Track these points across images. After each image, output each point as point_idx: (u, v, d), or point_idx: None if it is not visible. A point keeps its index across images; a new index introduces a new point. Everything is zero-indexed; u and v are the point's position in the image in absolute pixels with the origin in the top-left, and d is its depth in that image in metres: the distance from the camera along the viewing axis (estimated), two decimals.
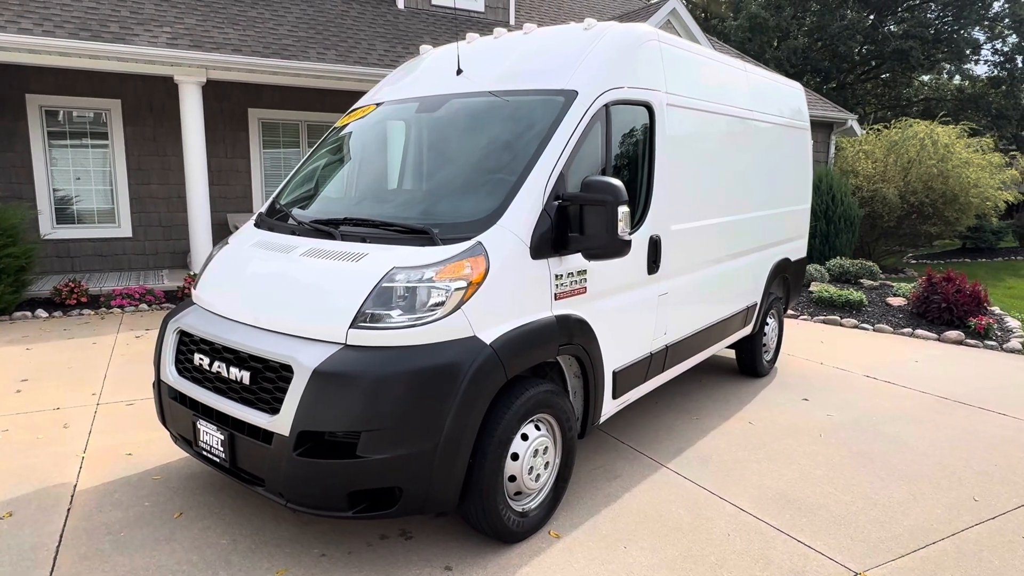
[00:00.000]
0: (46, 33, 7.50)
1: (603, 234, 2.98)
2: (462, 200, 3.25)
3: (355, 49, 9.60)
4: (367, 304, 2.71)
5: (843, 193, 12.06)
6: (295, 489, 2.67)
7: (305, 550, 3.00)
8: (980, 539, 3.25)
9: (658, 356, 4.01)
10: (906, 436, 4.53)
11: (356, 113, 4.25)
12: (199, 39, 8.43)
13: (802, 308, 8.74)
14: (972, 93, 28.94)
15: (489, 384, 2.77)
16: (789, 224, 5.91)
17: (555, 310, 3.13)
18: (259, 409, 2.77)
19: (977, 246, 18.72)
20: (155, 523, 3.21)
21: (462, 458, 2.73)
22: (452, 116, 3.70)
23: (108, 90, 9.34)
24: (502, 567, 2.91)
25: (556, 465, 3.26)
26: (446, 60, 4.06)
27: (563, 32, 3.81)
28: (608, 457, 4.07)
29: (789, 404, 5.14)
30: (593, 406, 3.48)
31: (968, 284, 7.85)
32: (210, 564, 2.89)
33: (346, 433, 2.60)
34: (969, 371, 6.20)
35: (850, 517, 3.42)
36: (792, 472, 3.93)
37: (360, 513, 2.67)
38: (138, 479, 3.66)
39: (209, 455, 3.02)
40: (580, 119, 3.25)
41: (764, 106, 5.27)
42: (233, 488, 3.54)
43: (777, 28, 26.61)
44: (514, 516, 3.02)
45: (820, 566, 2.98)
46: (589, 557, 3.01)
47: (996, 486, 3.82)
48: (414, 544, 3.07)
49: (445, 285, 2.74)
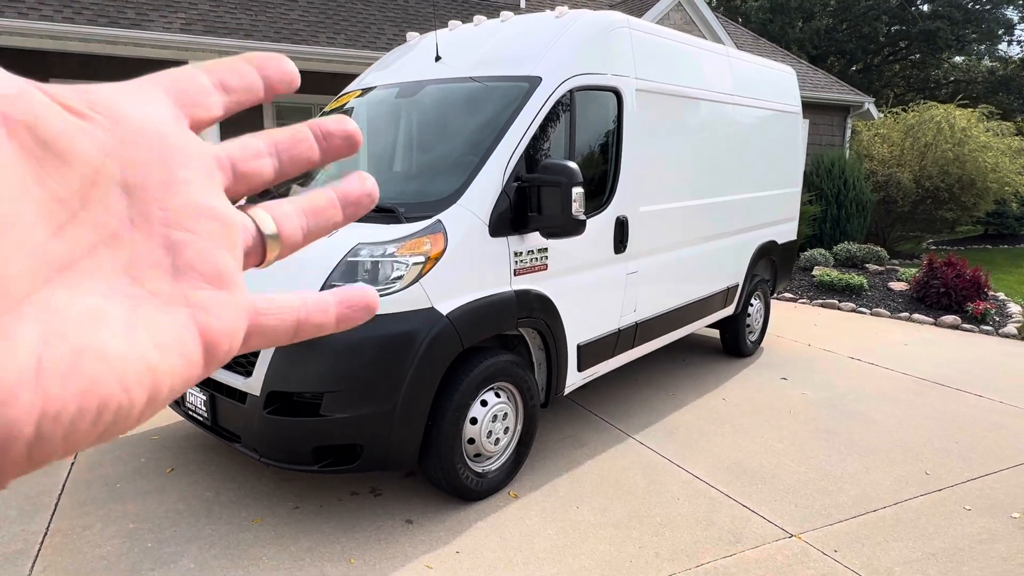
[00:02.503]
0: (66, 19, 7.84)
1: (558, 215, 3.16)
2: (430, 181, 3.45)
3: (364, 33, 9.80)
4: (333, 276, 2.94)
5: (856, 177, 11.95)
6: (266, 444, 2.93)
7: (280, 503, 3.27)
8: (922, 508, 3.40)
9: (627, 332, 4.19)
10: (875, 415, 4.65)
11: (344, 98, 4.46)
12: (212, 24, 8.70)
13: (802, 292, 8.79)
14: (1004, 75, 28.12)
15: (445, 352, 2.99)
16: (775, 207, 6.00)
17: (515, 285, 3.32)
18: (236, 372, 3.03)
19: (1000, 232, 18.37)
20: (149, 476, 3.51)
21: (419, 419, 2.96)
22: (428, 101, 3.89)
23: (127, 75, 9.34)
24: (459, 522, 3.15)
25: (517, 431, 3.48)
26: (429, 47, 4.24)
27: (536, 20, 3.97)
28: (578, 427, 4.27)
29: (766, 383, 5.28)
30: (556, 377, 3.68)
31: (968, 269, 7.84)
32: (194, 512, 3.18)
33: (312, 394, 2.85)
34: (957, 355, 6.24)
35: (799, 486, 3.59)
36: (753, 445, 4.10)
37: (325, 468, 2.92)
38: (137, 439, 3.97)
39: (194, 414, 3.30)
40: (543, 104, 3.41)
41: (749, 90, 5.35)
42: (220, 447, 3.82)
43: (800, 8, 26.10)
44: (473, 476, 3.25)
45: (759, 527, 3.16)
46: (542, 515, 3.23)
47: (952, 461, 3.94)
48: (381, 500, 3.32)
49: (405, 259, 2.95)
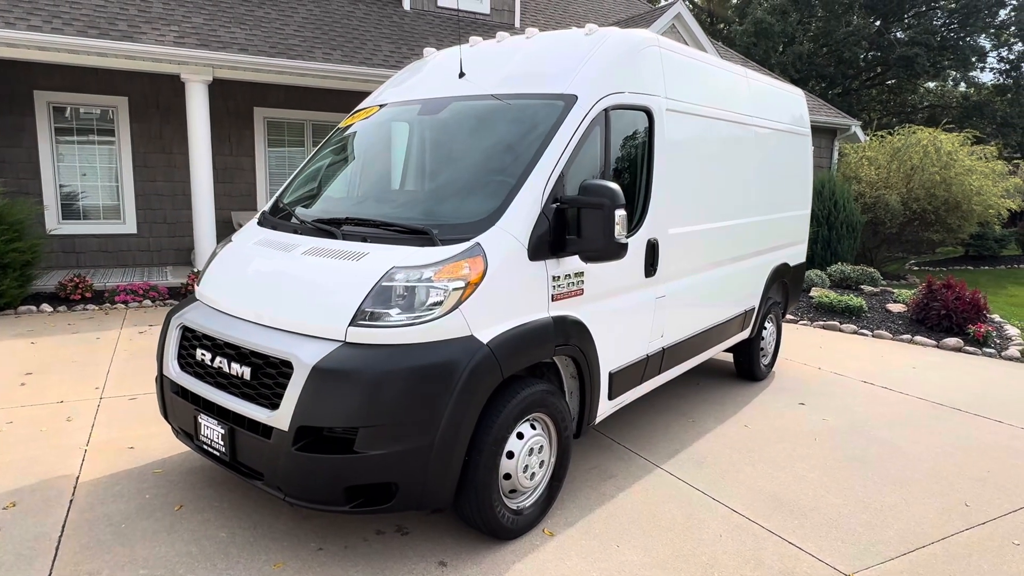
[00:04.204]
0: (55, 31, 7.58)
1: (600, 237, 3.02)
2: (462, 201, 3.30)
3: (360, 50, 9.67)
4: (366, 303, 2.76)
5: (845, 199, 12.07)
6: (293, 483, 2.72)
7: (302, 544, 3.05)
8: (970, 543, 3.29)
9: (655, 358, 4.06)
10: (900, 442, 4.56)
11: (360, 114, 4.30)
12: (206, 38, 8.50)
13: (802, 313, 8.76)
14: (977, 100, 28.89)
15: (485, 383, 2.81)
16: (788, 229, 5.95)
17: (552, 311, 3.17)
18: (259, 404, 2.82)
19: (980, 254, 18.70)
20: (156, 515, 3.27)
21: (458, 455, 2.78)
22: (454, 118, 3.75)
23: (115, 87, 9.43)
24: (496, 564, 2.96)
25: (551, 464, 3.31)
26: (449, 63, 4.11)
27: (564, 37, 3.86)
28: (603, 457, 4.11)
29: (785, 408, 5.17)
30: (589, 406, 3.53)
31: (967, 291, 7.88)
32: (209, 556, 2.94)
33: (344, 429, 2.65)
34: (966, 378, 6.22)
35: (840, 520, 3.46)
36: (785, 475, 3.97)
37: (357, 508, 2.72)
38: (139, 472, 3.71)
39: (210, 449, 3.07)
40: (579, 123, 3.30)
41: (765, 112, 5.31)
42: (232, 482, 3.59)
43: (783, 33, 26.62)
44: (509, 513, 3.07)
45: (810, 567, 3.02)
46: (582, 555, 3.05)
47: (988, 492, 3.86)
48: (410, 540, 3.12)
49: (443, 285, 2.79)
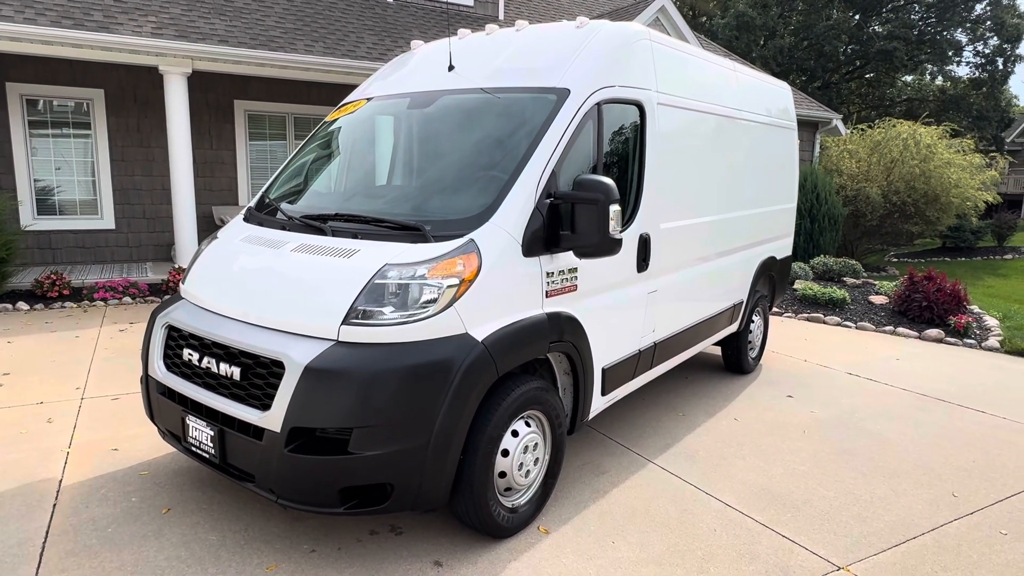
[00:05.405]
0: (27, 21, 7.37)
1: (594, 233, 2.99)
2: (454, 197, 3.25)
3: (343, 42, 9.53)
4: (359, 301, 2.71)
5: (827, 192, 12.18)
6: (286, 485, 2.67)
7: (295, 546, 3.00)
8: (960, 533, 3.33)
9: (646, 353, 4.05)
10: (888, 433, 4.61)
11: (347, 108, 4.23)
12: (184, 29, 8.32)
13: (786, 305, 8.83)
14: (954, 94, 29.33)
15: (481, 381, 2.78)
16: (775, 223, 5.98)
17: (546, 307, 3.14)
18: (250, 405, 2.76)
19: (957, 245, 19.05)
20: (143, 519, 3.20)
21: (453, 454, 2.74)
22: (444, 112, 3.69)
23: (91, 79, 9.20)
24: (492, 563, 2.93)
25: (545, 461, 3.29)
26: (437, 56, 4.05)
27: (555, 30, 3.82)
28: (596, 453, 4.10)
29: (773, 401, 5.21)
30: (582, 403, 3.51)
31: (948, 283, 7.99)
32: (199, 560, 2.88)
33: (338, 429, 2.60)
34: (948, 369, 6.31)
35: (832, 512, 3.49)
36: (776, 468, 3.99)
37: (351, 509, 2.68)
38: (124, 475, 3.63)
39: (198, 451, 3.01)
40: (572, 117, 3.26)
41: (753, 106, 5.31)
42: (222, 484, 3.52)
43: (764, 27, 26.79)
44: (504, 512, 3.04)
45: (804, 560, 3.04)
46: (578, 552, 3.04)
47: (975, 482, 3.91)
48: (404, 540, 3.08)
49: (437, 282, 2.75)
